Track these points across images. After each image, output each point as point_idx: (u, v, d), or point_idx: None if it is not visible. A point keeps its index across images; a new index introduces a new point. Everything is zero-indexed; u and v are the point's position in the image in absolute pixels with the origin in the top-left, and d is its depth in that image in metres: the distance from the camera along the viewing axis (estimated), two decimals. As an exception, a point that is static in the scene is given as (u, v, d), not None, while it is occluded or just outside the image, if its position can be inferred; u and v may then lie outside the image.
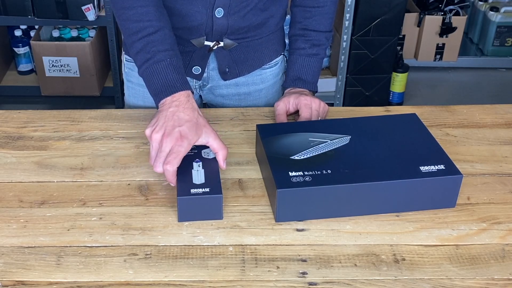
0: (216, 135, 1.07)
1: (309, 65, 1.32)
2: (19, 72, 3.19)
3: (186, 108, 1.07)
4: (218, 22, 1.24)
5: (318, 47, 1.32)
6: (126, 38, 1.16)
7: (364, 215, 1.03)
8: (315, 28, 1.31)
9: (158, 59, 1.11)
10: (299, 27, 1.32)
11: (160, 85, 1.10)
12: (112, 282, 0.90)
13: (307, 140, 1.10)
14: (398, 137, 1.11)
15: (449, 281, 0.91)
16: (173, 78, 1.10)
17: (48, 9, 2.81)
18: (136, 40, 1.13)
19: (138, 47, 1.13)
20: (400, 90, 3.13)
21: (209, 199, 0.99)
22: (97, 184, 1.10)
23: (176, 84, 1.10)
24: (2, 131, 1.25)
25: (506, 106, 1.36)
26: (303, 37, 1.32)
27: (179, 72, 1.12)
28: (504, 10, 3.41)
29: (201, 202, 0.99)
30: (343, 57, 2.93)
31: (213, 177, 1.03)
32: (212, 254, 0.95)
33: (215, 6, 1.22)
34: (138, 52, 1.13)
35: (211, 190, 1.00)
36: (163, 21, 1.15)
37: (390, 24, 2.88)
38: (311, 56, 1.32)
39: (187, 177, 1.03)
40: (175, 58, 1.12)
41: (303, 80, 1.31)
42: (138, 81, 1.36)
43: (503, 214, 1.04)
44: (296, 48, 1.33)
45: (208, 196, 0.99)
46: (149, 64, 1.11)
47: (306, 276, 0.91)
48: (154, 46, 1.12)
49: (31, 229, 0.99)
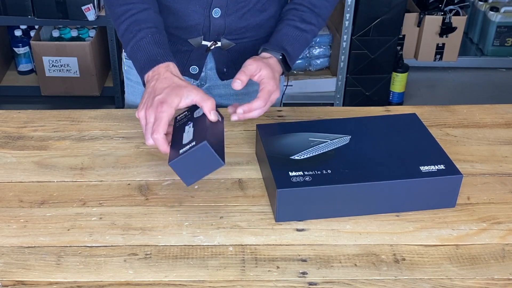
0: (198, 90, 1.05)
1: (294, 37, 1.24)
2: (19, 72, 3.19)
3: (165, 78, 1.07)
4: (215, 22, 1.24)
5: (307, 24, 1.25)
6: (114, 23, 1.18)
7: (364, 215, 1.03)
8: (310, 7, 1.25)
9: (140, 36, 1.13)
10: (294, 2, 1.27)
11: (144, 61, 1.11)
12: (112, 282, 0.90)
13: (307, 140, 1.10)
14: (398, 137, 1.11)
15: (449, 281, 0.91)
16: (155, 52, 1.11)
17: (48, 9, 2.81)
18: (121, 22, 1.15)
19: (123, 29, 1.15)
20: (400, 90, 3.13)
21: (197, 151, 0.96)
22: (97, 184, 1.10)
23: (157, 58, 1.10)
24: (2, 131, 1.25)
25: (506, 106, 1.36)
26: (295, 11, 1.25)
27: (160, 46, 1.12)
28: (504, 10, 3.41)
29: (191, 157, 0.96)
30: (343, 57, 2.93)
31: (201, 130, 1.00)
32: (212, 254, 0.95)
33: (212, 6, 1.22)
34: (123, 34, 1.16)
35: (196, 142, 0.97)
36: (148, 2, 1.16)
37: (390, 24, 2.88)
38: (298, 30, 1.24)
39: (179, 140, 1.01)
40: (157, 34, 1.13)
41: (284, 49, 1.21)
42: (136, 79, 1.37)
43: (503, 214, 1.04)
44: (285, 19, 1.26)
45: (194, 148, 0.96)
46: (133, 42, 1.13)
47: (306, 276, 0.91)
48: (137, 25, 1.14)
49: (31, 229, 0.99)
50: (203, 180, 1.10)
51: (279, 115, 1.31)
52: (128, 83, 1.42)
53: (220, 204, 1.05)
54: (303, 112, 1.32)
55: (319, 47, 3.11)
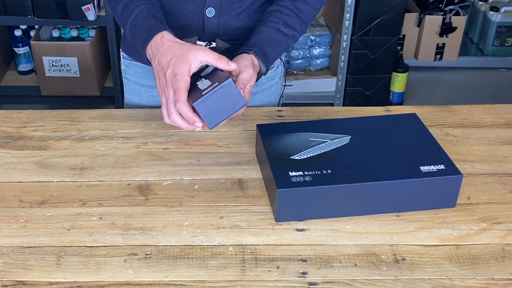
0: (205, 50, 1.05)
1: (276, 41, 1.20)
2: (19, 72, 3.19)
3: (165, 49, 1.07)
4: (209, 22, 1.24)
5: (290, 29, 1.21)
6: (111, 8, 1.20)
7: (364, 215, 1.03)
8: (295, 11, 1.22)
9: (137, 12, 1.14)
10: (278, 4, 1.23)
11: (143, 35, 1.12)
12: (112, 282, 0.90)
13: (307, 140, 1.10)
14: (398, 137, 1.11)
15: (449, 281, 0.91)
16: (153, 23, 1.12)
17: (48, 9, 2.81)
18: (117, 4, 1.17)
19: (120, 10, 1.16)
20: (400, 90, 3.13)
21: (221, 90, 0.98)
22: (97, 184, 1.10)
23: (155, 27, 1.11)
24: (2, 131, 1.25)
25: (506, 106, 1.36)
26: (279, 13, 1.21)
27: (157, 18, 1.13)
28: (504, 10, 3.41)
29: (216, 96, 0.98)
30: (343, 57, 2.93)
31: (218, 75, 1.02)
32: (212, 254, 0.95)
33: (206, 6, 1.22)
34: (121, 15, 1.16)
35: (219, 82, 0.99)
36: None
37: (390, 24, 2.88)
38: (281, 34, 1.20)
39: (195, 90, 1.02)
40: (153, 9, 1.14)
41: (266, 53, 1.18)
42: (134, 78, 1.37)
43: (503, 214, 1.04)
44: (267, 21, 1.21)
45: (219, 87, 0.98)
46: (131, 20, 1.14)
47: (306, 276, 0.91)
48: (132, 3, 1.15)
49: (31, 229, 0.99)
50: (203, 180, 1.10)
51: (279, 115, 1.31)
52: (126, 82, 1.42)
53: (220, 204, 1.05)
54: (303, 112, 1.32)
55: (319, 47, 3.11)
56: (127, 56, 1.39)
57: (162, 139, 1.21)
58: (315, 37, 3.08)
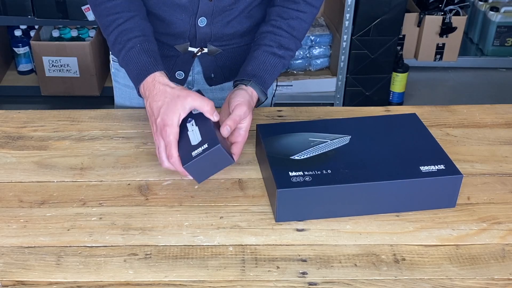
0: (193, 96, 1.05)
1: (272, 64, 1.18)
2: (19, 72, 3.19)
3: (155, 94, 1.07)
4: (201, 31, 1.23)
5: (285, 50, 1.19)
6: (104, 34, 1.18)
7: (364, 215, 1.03)
8: (289, 30, 1.19)
9: (129, 47, 1.12)
10: (271, 25, 1.20)
11: (136, 71, 1.11)
12: (112, 282, 0.90)
13: (307, 140, 1.10)
14: (398, 137, 1.11)
15: (449, 281, 0.91)
16: (145, 61, 1.11)
17: (48, 9, 2.81)
18: (109, 33, 1.15)
19: (112, 40, 1.15)
20: (400, 90, 3.13)
21: (210, 154, 1.01)
22: (97, 184, 1.10)
23: (148, 67, 1.10)
24: (2, 131, 1.25)
25: (506, 106, 1.36)
26: (273, 35, 1.19)
27: (149, 54, 1.12)
28: (504, 10, 3.41)
29: (205, 159, 1.01)
30: (343, 57, 2.93)
31: (208, 130, 1.04)
32: (212, 254, 0.95)
33: (198, 15, 1.20)
34: (113, 45, 1.15)
35: (209, 145, 1.01)
36: (133, 10, 1.16)
37: (390, 24, 2.88)
38: (276, 57, 1.18)
39: (186, 141, 1.05)
40: (146, 42, 1.13)
41: (264, 80, 1.16)
42: (124, 81, 1.37)
43: (503, 214, 1.04)
44: (262, 44, 1.19)
45: (208, 152, 1.01)
46: (123, 53, 1.13)
47: (306, 276, 0.91)
48: (125, 35, 1.13)
49: (31, 229, 0.99)
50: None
51: (279, 115, 1.31)
52: (116, 86, 1.41)
53: (220, 204, 1.05)
54: (303, 112, 1.32)
55: (319, 47, 3.11)
56: (115, 59, 1.38)
57: (162, 139, 1.21)
58: (315, 37, 3.08)
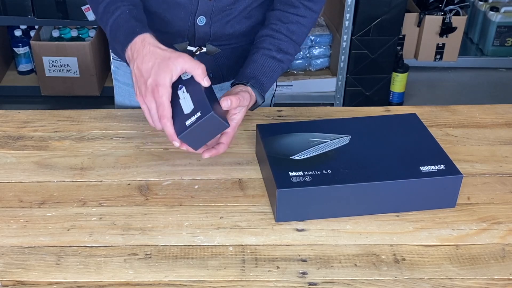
0: (184, 58, 1.04)
1: (270, 68, 1.18)
2: (19, 72, 3.19)
3: (145, 55, 1.05)
4: (200, 30, 1.23)
5: (284, 54, 1.19)
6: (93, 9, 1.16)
7: (364, 215, 1.03)
8: (288, 35, 1.20)
9: (118, 14, 1.11)
10: (271, 28, 1.20)
11: (124, 36, 1.09)
12: (112, 282, 0.90)
13: (307, 140, 1.10)
14: (398, 137, 1.11)
15: (449, 281, 0.91)
16: (134, 25, 1.09)
17: (48, 9, 2.81)
18: (99, 4, 1.14)
19: (101, 11, 1.14)
20: (400, 90, 3.13)
21: (204, 122, 1.01)
22: (97, 184, 1.10)
23: (137, 29, 1.08)
24: (2, 131, 1.25)
25: (506, 106, 1.36)
26: (272, 38, 1.19)
27: (139, 20, 1.11)
28: (504, 10, 3.41)
29: (199, 128, 1.01)
30: (343, 57, 2.93)
31: (200, 97, 1.03)
32: (212, 254, 0.95)
33: (197, 14, 1.21)
34: (102, 16, 1.14)
35: (202, 113, 1.01)
36: None
37: (390, 24, 2.88)
38: (275, 60, 1.18)
39: (178, 109, 1.04)
40: (134, 10, 1.12)
41: (259, 81, 1.16)
42: (124, 79, 1.37)
43: (503, 214, 1.04)
44: (261, 48, 1.19)
45: (202, 120, 1.00)
46: (112, 21, 1.11)
47: (306, 276, 0.91)
48: (114, 4, 1.12)
49: (31, 229, 0.99)
50: (203, 180, 1.10)
51: (279, 115, 1.31)
52: (116, 84, 1.41)
53: (220, 204, 1.05)
54: (303, 112, 1.32)
55: (319, 47, 3.11)
56: (116, 57, 1.38)
57: (162, 139, 1.21)
58: (315, 37, 3.08)
